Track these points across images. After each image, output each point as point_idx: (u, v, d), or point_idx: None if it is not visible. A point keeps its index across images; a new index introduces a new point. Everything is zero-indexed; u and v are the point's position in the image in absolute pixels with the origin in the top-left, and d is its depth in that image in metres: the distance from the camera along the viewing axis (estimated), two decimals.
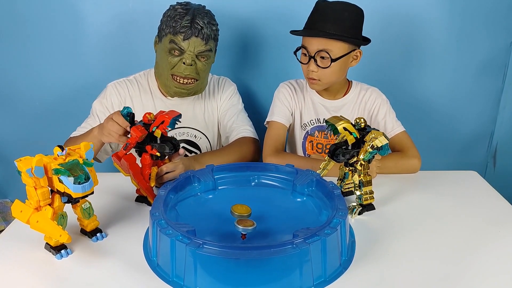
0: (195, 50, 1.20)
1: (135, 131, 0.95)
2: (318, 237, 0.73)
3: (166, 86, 1.26)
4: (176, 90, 1.25)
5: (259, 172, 1.02)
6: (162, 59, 1.23)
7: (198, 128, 1.37)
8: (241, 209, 0.82)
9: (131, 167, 0.97)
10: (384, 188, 1.11)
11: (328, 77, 1.20)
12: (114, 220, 0.94)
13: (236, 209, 0.81)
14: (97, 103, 1.32)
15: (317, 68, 1.19)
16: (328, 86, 1.26)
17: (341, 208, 0.82)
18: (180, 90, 1.25)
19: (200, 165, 1.13)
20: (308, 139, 1.35)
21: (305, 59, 1.21)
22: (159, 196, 0.86)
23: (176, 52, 1.20)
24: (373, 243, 0.87)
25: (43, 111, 1.68)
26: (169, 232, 0.74)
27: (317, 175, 0.97)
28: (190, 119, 1.35)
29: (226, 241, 0.80)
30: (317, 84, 1.23)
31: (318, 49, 1.17)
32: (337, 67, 1.19)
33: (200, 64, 1.23)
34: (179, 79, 1.23)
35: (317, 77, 1.20)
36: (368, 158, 0.93)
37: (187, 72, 1.21)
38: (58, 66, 1.62)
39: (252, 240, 0.79)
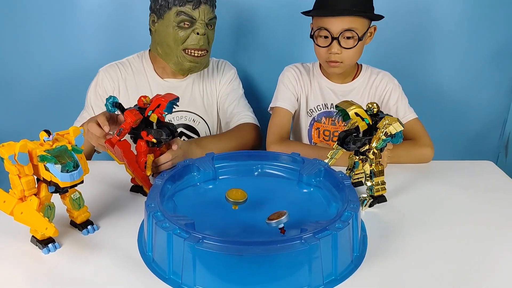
0: (206, 18, 1.17)
1: (128, 116, 0.90)
2: (329, 231, 0.68)
3: (178, 64, 1.21)
4: (190, 65, 1.21)
5: (263, 161, 0.98)
6: (168, 35, 1.18)
7: (196, 112, 1.32)
8: (236, 194, 0.78)
9: (125, 155, 0.92)
10: (395, 178, 1.06)
11: (351, 58, 1.16)
12: (106, 212, 0.89)
13: (231, 194, 0.78)
14: (91, 93, 1.27)
15: (341, 49, 1.13)
16: (347, 68, 1.20)
17: (353, 200, 0.77)
18: (194, 64, 1.21)
19: (200, 148, 1.11)
20: (314, 126, 1.30)
21: (325, 42, 1.14)
22: (155, 186, 0.82)
23: (186, 23, 1.16)
24: (386, 237, 0.82)
25: (36, 97, 1.64)
26: (165, 225, 0.69)
27: (325, 164, 0.92)
28: (188, 103, 1.31)
29: (228, 235, 0.75)
30: (339, 67, 1.18)
31: (343, 29, 1.10)
32: (360, 46, 1.15)
33: (210, 33, 1.21)
34: (193, 52, 1.19)
35: (340, 59, 1.15)
36: (381, 146, 0.87)
37: (202, 43, 1.18)
38: (51, 50, 1.57)
39: (255, 234, 0.74)
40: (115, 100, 0.93)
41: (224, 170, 0.96)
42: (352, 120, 0.88)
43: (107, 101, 0.93)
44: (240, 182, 0.94)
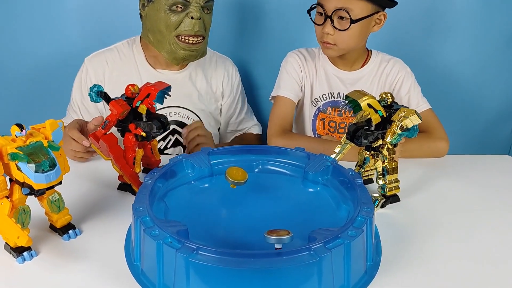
0: (201, 0, 1.08)
1: (114, 106, 0.82)
2: (341, 240, 0.61)
3: (171, 53, 1.12)
4: (184, 54, 1.12)
5: (264, 156, 0.91)
6: (160, 20, 1.09)
7: (191, 108, 1.23)
8: (237, 174, 0.73)
9: (112, 150, 0.84)
10: (408, 174, 0.99)
11: (346, 42, 1.08)
12: (90, 214, 0.82)
13: (231, 173, 0.73)
14: (75, 89, 1.20)
15: (333, 30, 1.06)
16: (344, 53, 1.13)
17: (366, 203, 0.70)
18: (189, 52, 1.12)
19: None
20: (319, 116, 1.23)
21: (320, 19, 1.08)
22: (145, 186, 0.74)
23: (179, 7, 1.07)
24: (401, 242, 0.76)
25: (19, 83, 1.55)
26: (155, 233, 0.62)
27: (332, 160, 0.84)
28: (184, 98, 1.22)
29: (226, 244, 0.68)
30: (332, 49, 1.10)
31: (336, 7, 1.03)
32: (357, 31, 1.06)
33: (206, 17, 1.12)
34: (187, 39, 1.10)
35: (333, 41, 1.07)
36: (397, 141, 0.80)
37: (197, 28, 1.09)
38: (35, 35, 1.48)
39: (257, 242, 0.67)
40: (100, 89, 0.85)
41: (221, 166, 0.88)
42: (364, 112, 0.81)
43: (91, 90, 0.85)
44: None
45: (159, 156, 0.96)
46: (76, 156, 0.98)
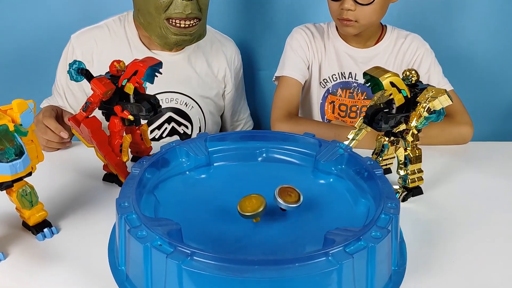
0: None
1: (97, 86, 0.73)
2: (363, 242, 0.52)
3: (162, 37, 1.02)
4: (176, 39, 1.01)
5: (268, 143, 0.82)
6: (149, 1, 0.99)
7: (190, 94, 1.14)
8: (251, 204, 0.61)
9: (94, 136, 0.76)
10: (429, 164, 0.90)
11: (368, 17, 1.00)
12: (70, 209, 0.74)
13: (245, 205, 0.61)
14: (60, 71, 1.11)
15: (354, 5, 0.97)
16: (364, 30, 1.03)
17: (390, 197, 0.61)
18: (182, 37, 1.01)
19: None
20: (328, 99, 1.16)
21: None
22: (132, 177, 0.66)
23: None
24: (427, 242, 0.68)
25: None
26: (142, 234, 0.53)
27: (348, 148, 0.76)
28: (182, 82, 1.13)
29: (226, 247, 0.60)
30: (353, 27, 1.02)
31: None
32: (380, 4, 0.99)
33: None
34: (178, 23, 0.99)
35: (354, 17, 0.99)
36: (423, 125, 0.71)
37: (189, 11, 0.98)
38: (16, 8, 1.39)
39: (264, 245, 0.59)
40: (81, 66, 0.76)
41: (220, 154, 0.80)
42: (385, 92, 0.71)
43: (70, 67, 0.76)
44: (240, 170, 0.79)
45: (149, 143, 0.87)
46: (47, 146, 0.91)
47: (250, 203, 0.62)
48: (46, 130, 0.89)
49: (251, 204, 0.61)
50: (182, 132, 1.15)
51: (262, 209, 0.60)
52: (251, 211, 0.60)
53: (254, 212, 0.60)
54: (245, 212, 0.60)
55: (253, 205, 0.61)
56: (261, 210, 0.60)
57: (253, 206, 0.61)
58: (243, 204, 0.61)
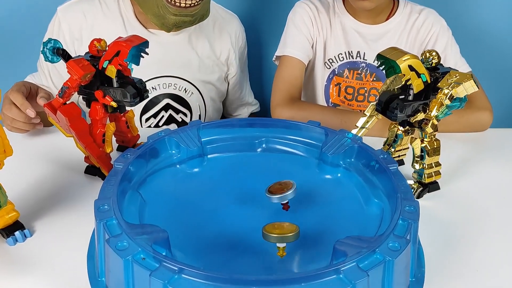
0: None
1: (73, 68, 0.65)
2: (380, 256, 0.46)
3: (159, 17, 0.94)
4: (175, 19, 0.93)
5: (269, 131, 0.75)
6: None
7: (190, 79, 1.07)
8: (281, 228, 0.50)
9: (73, 125, 0.69)
10: (444, 153, 0.83)
11: None
12: (46, 208, 0.67)
13: (272, 230, 0.50)
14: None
15: None
16: (379, 3, 0.96)
17: (407, 198, 0.55)
18: (182, 18, 0.93)
19: None
20: (333, 81, 1.10)
21: None
22: (114, 173, 0.60)
23: None
24: (447, 247, 0.63)
25: None
26: (122, 246, 0.47)
27: (358, 139, 0.69)
28: (181, 65, 1.05)
29: (221, 259, 0.53)
30: (370, 1, 0.95)
31: None
32: None
33: None
34: (178, 2, 0.91)
35: None
36: (445, 115, 0.65)
37: None
38: None
39: (265, 256, 0.53)
40: (57, 45, 0.69)
41: (214, 145, 0.73)
42: (401, 77, 0.64)
43: (45, 46, 0.69)
44: (237, 162, 0.72)
45: (136, 131, 0.80)
46: (13, 125, 0.84)
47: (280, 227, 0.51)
48: (11, 106, 0.82)
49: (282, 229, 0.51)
50: (181, 121, 1.09)
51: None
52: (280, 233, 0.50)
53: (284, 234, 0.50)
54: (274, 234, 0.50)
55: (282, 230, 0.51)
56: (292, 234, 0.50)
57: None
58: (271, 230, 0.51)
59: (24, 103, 0.79)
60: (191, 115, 1.10)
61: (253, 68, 1.30)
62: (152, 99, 1.05)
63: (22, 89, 0.83)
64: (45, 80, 1.04)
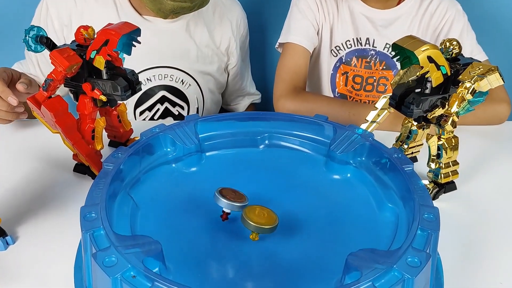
0: None
1: (57, 59, 0.61)
2: (398, 273, 0.42)
3: (155, 2, 0.89)
4: (172, 5, 0.89)
5: (272, 126, 0.71)
6: None
7: (187, 70, 1.03)
8: (260, 216, 0.50)
9: (59, 120, 0.64)
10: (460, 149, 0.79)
11: None
12: (30, 211, 0.63)
13: (251, 215, 0.50)
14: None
15: None
16: None
17: (426, 204, 0.51)
18: (180, 4, 0.89)
19: None
20: (340, 69, 1.06)
21: None
22: (103, 175, 0.56)
23: None
24: (467, 256, 0.58)
25: None
26: (110, 262, 0.43)
27: (369, 136, 0.65)
28: (178, 55, 1.01)
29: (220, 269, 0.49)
30: None
31: None
32: None
33: None
34: None
35: None
36: (467, 111, 0.60)
37: None
38: None
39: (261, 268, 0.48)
40: (40, 33, 0.64)
41: (213, 142, 0.69)
42: (419, 69, 0.59)
43: (27, 35, 0.64)
44: (237, 161, 0.68)
45: (129, 126, 0.76)
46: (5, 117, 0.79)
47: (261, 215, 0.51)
48: None
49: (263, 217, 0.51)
50: (177, 114, 1.06)
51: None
52: (258, 223, 0.50)
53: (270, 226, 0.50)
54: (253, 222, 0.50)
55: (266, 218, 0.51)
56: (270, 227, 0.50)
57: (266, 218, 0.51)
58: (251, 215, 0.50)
59: (4, 90, 0.74)
60: (188, 108, 1.06)
61: (254, 56, 1.26)
62: (147, 91, 1.01)
63: (2, 76, 0.78)
64: (33, 69, 1.00)
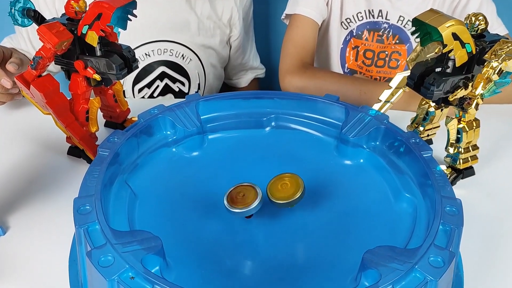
0: None
1: (46, 35, 0.57)
2: (420, 274, 0.39)
3: None
4: None
5: (279, 106, 0.67)
6: None
7: (188, 44, 1.00)
8: (284, 188, 0.50)
9: (50, 101, 0.61)
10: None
11: None
12: (21, 199, 0.60)
13: (275, 189, 0.50)
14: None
15: None
16: None
17: (448, 195, 0.48)
18: None
19: None
20: (351, 43, 1.02)
21: None
22: (98, 162, 0.53)
23: None
24: (489, 250, 0.55)
25: None
26: (106, 261, 0.40)
27: (384, 118, 0.61)
28: (178, 28, 0.99)
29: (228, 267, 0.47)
30: None
31: None
32: None
33: None
34: None
35: None
36: (493, 94, 0.56)
37: None
38: None
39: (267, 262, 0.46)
40: (27, 6, 0.60)
41: (216, 123, 0.66)
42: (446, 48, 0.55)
43: (13, 7, 0.60)
44: (242, 144, 0.65)
45: (126, 106, 0.73)
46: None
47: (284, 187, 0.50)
48: None
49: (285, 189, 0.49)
50: (178, 90, 1.03)
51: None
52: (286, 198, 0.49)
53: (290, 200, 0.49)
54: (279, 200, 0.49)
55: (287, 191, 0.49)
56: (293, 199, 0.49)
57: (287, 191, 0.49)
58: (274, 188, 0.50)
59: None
60: (189, 84, 1.03)
61: (258, 28, 1.22)
62: (146, 67, 0.98)
63: None
64: (24, 44, 0.96)
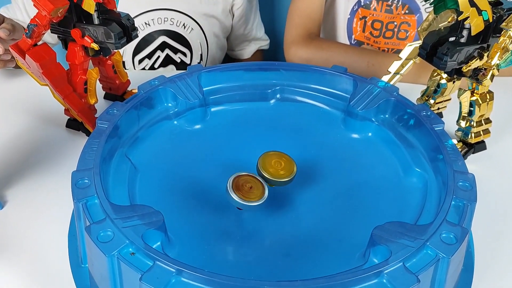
0: None
1: (40, 1, 0.54)
2: (431, 251, 0.38)
3: None
4: None
5: (285, 78, 0.65)
6: None
7: (190, 13, 0.98)
8: (276, 165, 0.47)
9: (47, 71, 0.59)
10: None
11: None
12: (19, 173, 0.59)
13: (267, 164, 0.47)
14: None
15: None
16: None
17: (460, 170, 0.47)
18: None
19: None
20: (358, 13, 0.98)
21: None
22: (97, 134, 0.51)
23: None
24: (500, 226, 0.54)
25: None
26: (106, 236, 0.39)
27: (394, 90, 0.59)
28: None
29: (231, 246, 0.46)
30: None
31: None
32: None
33: None
34: None
35: None
36: (510, 64, 0.54)
37: None
38: None
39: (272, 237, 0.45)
40: None
41: (219, 96, 0.64)
42: (462, 15, 0.52)
43: None
44: (246, 117, 0.63)
45: (126, 77, 0.71)
46: None
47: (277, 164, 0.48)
48: None
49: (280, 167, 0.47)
50: (179, 61, 1.01)
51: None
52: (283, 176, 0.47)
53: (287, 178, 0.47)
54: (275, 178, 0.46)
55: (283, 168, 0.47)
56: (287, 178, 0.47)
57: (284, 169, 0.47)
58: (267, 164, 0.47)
59: None
60: (191, 55, 1.01)
61: None
62: (146, 37, 0.95)
63: None
64: (20, 14, 0.93)
